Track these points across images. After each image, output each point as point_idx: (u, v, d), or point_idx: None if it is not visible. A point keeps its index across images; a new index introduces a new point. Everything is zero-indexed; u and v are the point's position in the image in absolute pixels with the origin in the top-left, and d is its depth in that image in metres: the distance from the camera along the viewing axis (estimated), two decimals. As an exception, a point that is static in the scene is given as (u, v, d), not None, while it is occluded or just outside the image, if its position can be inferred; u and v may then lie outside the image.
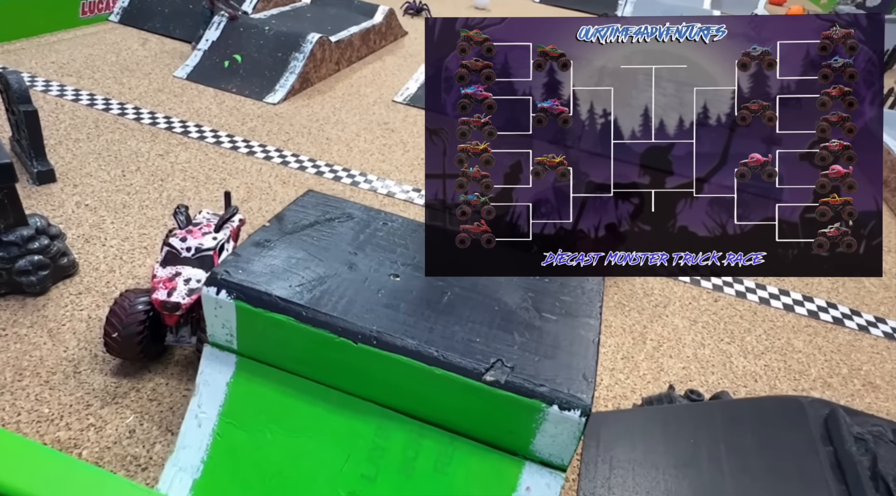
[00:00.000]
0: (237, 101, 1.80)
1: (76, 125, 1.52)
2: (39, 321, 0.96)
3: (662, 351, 1.14)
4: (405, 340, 0.65)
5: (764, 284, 1.39)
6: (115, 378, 0.88)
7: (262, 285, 0.69)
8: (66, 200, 1.25)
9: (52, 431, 0.80)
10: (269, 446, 0.71)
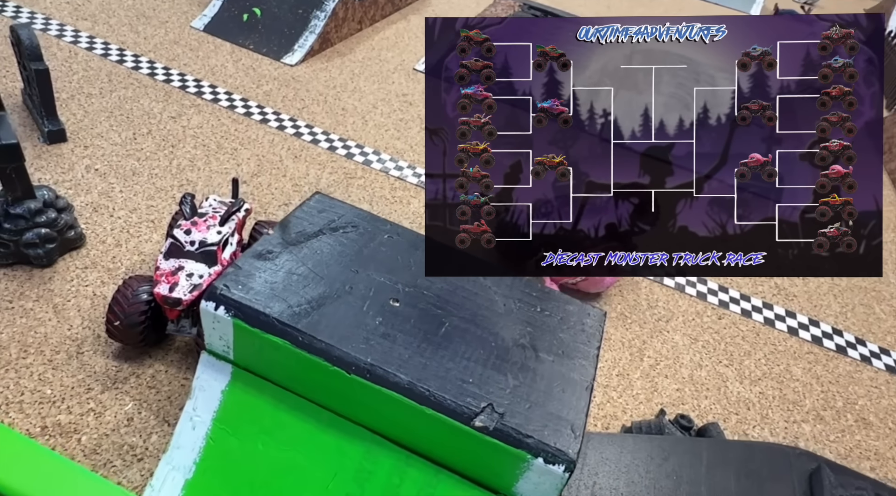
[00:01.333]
0: (254, 59, 1.75)
1: (89, 78, 1.48)
2: (45, 295, 0.97)
3: (659, 370, 1.14)
4: (398, 376, 0.65)
5: (771, 303, 1.37)
6: (116, 362, 0.90)
7: (261, 305, 0.69)
8: (76, 163, 1.24)
9: (53, 414, 0.82)
10: (260, 456, 0.72)
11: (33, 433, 0.80)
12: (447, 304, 0.75)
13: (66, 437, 0.80)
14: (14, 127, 1.29)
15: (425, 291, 0.76)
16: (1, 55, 1.45)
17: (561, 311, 0.79)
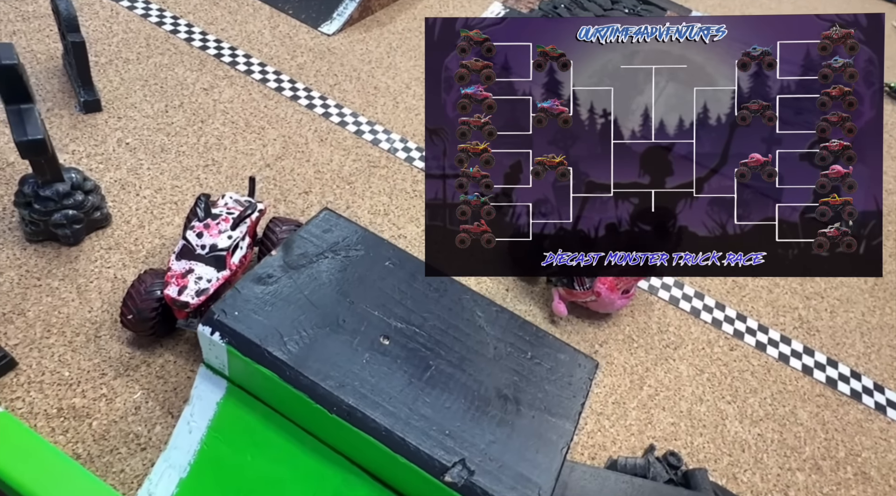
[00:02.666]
0: (291, 26, 1.71)
1: (128, 42, 1.49)
2: (70, 275, 1.03)
3: (657, 400, 1.13)
4: (376, 422, 0.67)
5: (790, 338, 1.32)
6: (130, 348, 0.96)
7: (253, 334, 0.71)
8: (108, 136, 1.27)
9: (69, 396, 0.89)
10: (248, 467, 0.77)
11: (50, 413, 0.86)
12: (437, 345, 0.76)
13: (80, 421, 0.87)
14: (54, 92, 1.32)
15: (417, 329, 0.77)
16: (44, 14, 1.46)
17: (551, 360, 0.79)
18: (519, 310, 1.20)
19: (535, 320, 1.19)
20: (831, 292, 1.46)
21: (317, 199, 1.28)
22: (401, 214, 1.31)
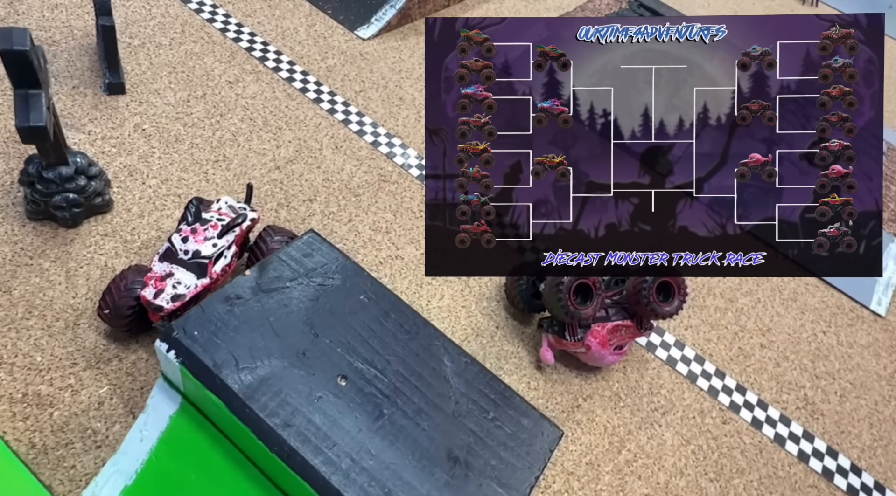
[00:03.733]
0: (328, 26, 1.71)
1: (163, 26, 1.51)
2: (62, 257, 1.04)
3: (634, 468, 1.08)
4: (316, 470, 0.65)
5: (790, 419, 1.25)
6: (105, 340, 0.96)
7: (208, 359, 0.70)
8: (127, 120, 1.28)
9: (36, 383, 0.89)
10: (191, 486, 0.76)
11: (15, 398, 0.87)
12: (395, 393, 0.73)
13: (41, 409, 0.87)
14: (83, 70, 1.34)
15: (378, 372, 0.75)
16: (87, -10, 1.49)
17: (513, 424, 0.75)
18: (506, 350, 1.16)
19: (521, 364, 1.15)
20: (845, 374, 1.37)
21: (320, 209, 1.27)
22: (402, 234, 1.29)
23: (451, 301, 1.20)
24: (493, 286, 1.25)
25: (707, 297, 1.41)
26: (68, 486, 0.81)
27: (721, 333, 1.35)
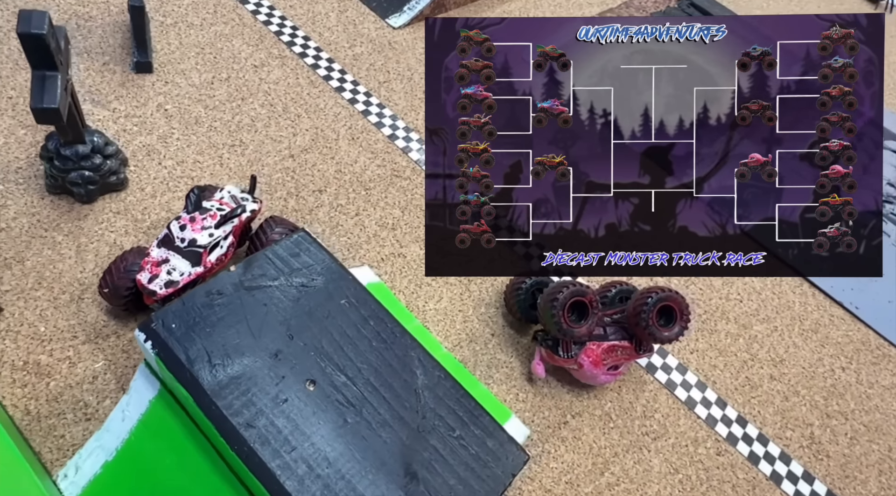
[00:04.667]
0: (359, 13, 1.69)
1: (196, 6, 1.53)
2: (75, 231, 1.08)
3: (615, 492, 1.06)
4: (271, 474, 0.66)
5: (791, 457, 1.20)
6: (106, 316, 1.00)
7: (181, 352, 0.72)
8: (150, 99, 1.31)
9: (37, 352, 0.94)
10: (164, 469, 0.79)
11: (16, 365, 0.92)
12: (362, 403, 0.74)
13: (39, 378, 0.92)
14: (114, 47, 1.38)
15: (348, 380, 0.75)
16: (126, -34, 1.52)
17: (479, 445, 0.75)
18: (498, 359, 1.15)
19: (512, 374, 1.14)
20: (860, 415, 1.30)
21: (328, 200, 1.28)
22: (408, 232, 1.28)
23: (448, 304, 1.19)
24: (493, 292, 1.24)
25: (719, 321, 1.36)
26: (56, 455, 0.85)
27: (729, 360, 1.30)
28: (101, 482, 0.80)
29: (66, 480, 0.81)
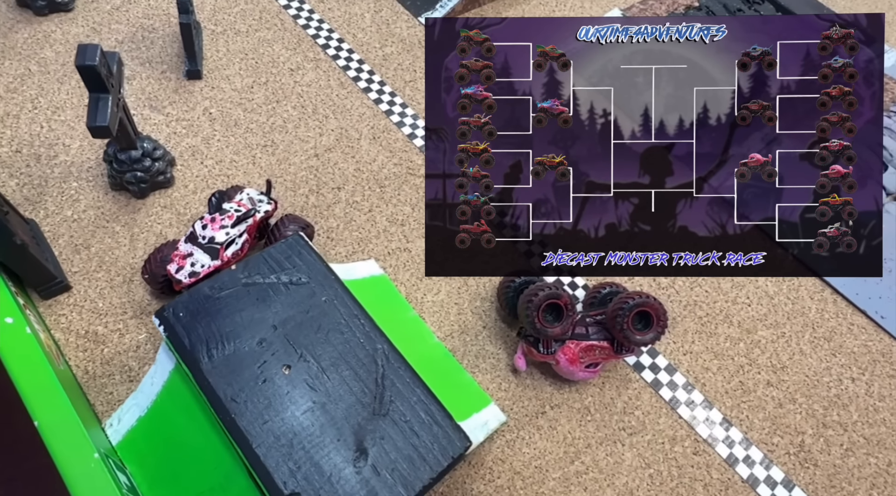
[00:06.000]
0: (393, 12, 1.78)
1: (245, 13, 1.68)
2: (129, 223, 1.28)
3: (583, 480, 1.14)
4: (246, 440, 0.82)
5: (772, 461, 1.21)
6: (150, 297, 1.20)
7: (185, 337, 0.88)
8: (198, 104, 1.49)
9: (95, 324, 1.16)
10: (180, 426, 0.97)
11: (80, 333, 1.14)
12: (329, 388, 0.87)
13: (97, 345, 1.13)
14: (171, 56, 1.57)
15: (319, 368, 0.89)
16: (185, -21, 1.69)
17: (425, 430, 0.86)
18: (486, 350, 1.25)
19: (498, 365, 1.24)
20: (862, 428, 1.28)
21: (345, 197, 1.41)
22: (416, 228, 1.39)
23: (446, 296, 1.30)
24: (489, 287, 1.33)
25: (721, 325, 1.37)
26: (105, 407, 1.07)
27: (724, 364, 1.32)
28: (136, 432, 1.00)
29: (111, 428, 1.02)
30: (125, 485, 0.92)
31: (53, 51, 1.50)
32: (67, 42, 1.53)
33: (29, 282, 1.12)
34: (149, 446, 0.98)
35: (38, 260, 1.07)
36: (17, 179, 1.30)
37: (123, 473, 0.95)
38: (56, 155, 1.35)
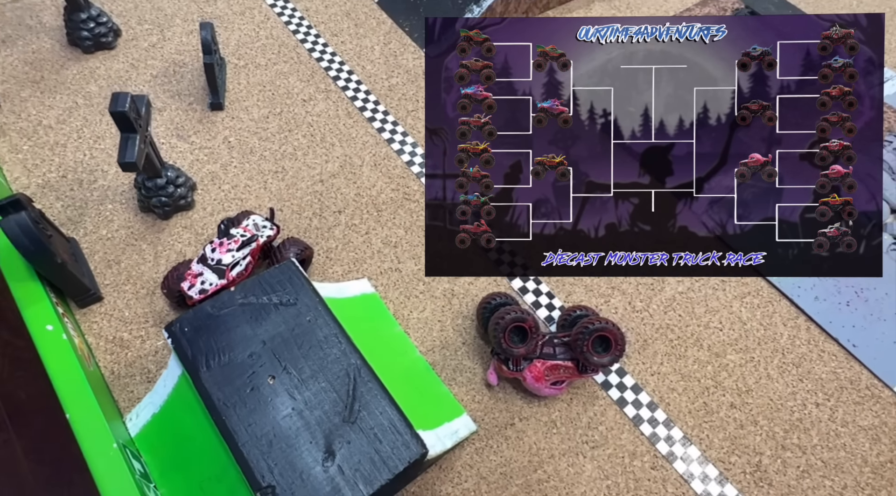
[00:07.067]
0: (402, 44, 1.92)
1: (265, 48, 1.85)
2: (154, 242, 1.46)
3: (544, 487, 1.25)
4: (232, 438, 0.97)
5: (728, 480, 1.29)
6: (168, 308, 1.37)
7: (188, 349, 1.04)
8: (219, 133, 1.66)
9: (122, 330, 1.33)
10: (186, 424, 1.13)
11: (108, 338, 1.32)
12: (307, 397, 1.02)
13: (122, 349, 1.31)
14: (198, 89, 1.75)
15: (300, 379, 1.03)
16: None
17: (387, 438, 0.99)
18: (464, 365, 1.37)
19: (473, 379, 1.36)
20: (821, 452, 1.35)
21: (345, 220, 1.56)
22: (407, 250, 1.53)
23: (430, 314, 1.43)
24: (472, 306, 1.45)
25: (691, 348, 1.45)
26: (127, 403, 1.24)
27: (689, 385, 1.40)
28: (150, 427, 1.17)
29: (130, 422, 1.19)
30: (139, 472, 1.08)
31: (97, 85, 1.71)
32: (109, 77, 1.72)
33: (68, 294, 1.31)
34: (160, 439, 1.14)
35: (75, 275, 1.26)
36: (62, 202, 1.50)
37: (138, 461, 1.12)
38: (95, 180, 1.54)
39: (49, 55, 1.74)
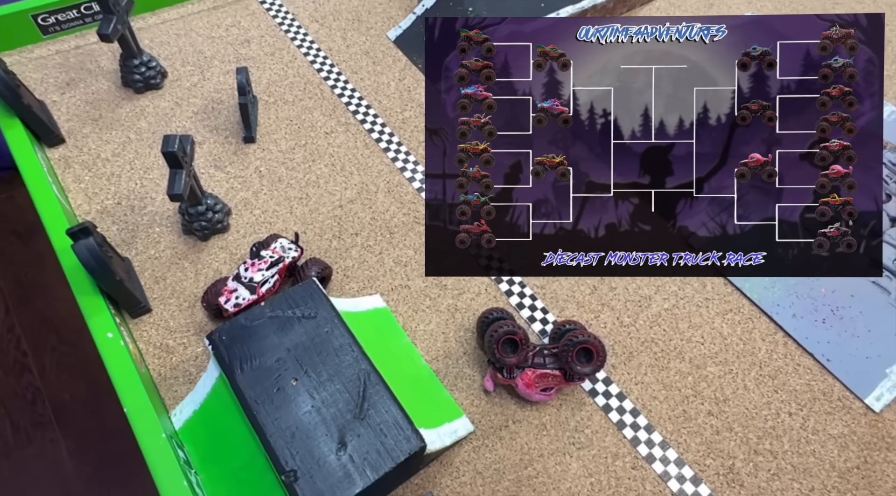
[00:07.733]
0: (416, 80, 2.11)
1: (293, 85, 2.07)
2: (194, 261, 1.67)
3: (533, 483, 1.40)
4: (262, 430, 1.15)
5: (702, 480, 1.42)
6: (207, 319, 1.57)
7: (225, 355, 1.23)
8: (251, 163, 1.87)
9: (167, 338, 1.54)
10: (224, 421, 1.32)
11: (156, 345, 1.52)
12: (325, 396, 1.19)
13: (168, 354, 1.51)
14: (235, 123, 1.97)
15: (318, 382, 1.21)
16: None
17: (391, 433, 1.17)
18: (464, 372, 1.54)
19: (473, 385, 1.52)
20: (791, 457, 1.47)
21: (361, 242, 1.74)
22: (416, 268, 1.70)
23: (435, 327, 1.60)
24: (472, 319, 1.62)
25: (673, 360, 1.59)
26: (171, 402, 1.44)
27: (671, 394, 1.54)
28: (192, 421, 1.36)
29: (175, 417, 1.39)
30: (182, 459, 1.27)
31: (147, 122, 1.94)
32: (157, 114, 1.96)
33: (123, 306, 1.52)
34: (200, 432, 1.34)
35: (130, 290, 1.47)
36: (118, 226, 1.72)
37: (182, 451, 1.31)
38: (145, 206, 1.76)
39: (106, 95, 1.98)
